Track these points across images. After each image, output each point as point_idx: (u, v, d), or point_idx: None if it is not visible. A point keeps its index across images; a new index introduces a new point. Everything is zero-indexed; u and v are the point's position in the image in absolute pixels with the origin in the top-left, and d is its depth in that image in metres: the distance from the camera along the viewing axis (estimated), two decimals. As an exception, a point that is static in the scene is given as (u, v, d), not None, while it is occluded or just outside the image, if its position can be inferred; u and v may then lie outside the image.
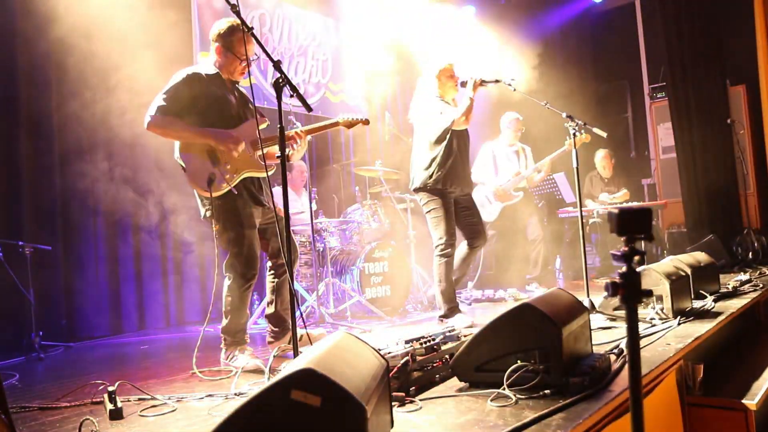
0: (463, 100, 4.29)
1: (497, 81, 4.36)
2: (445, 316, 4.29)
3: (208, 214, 3.28)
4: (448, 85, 4.42)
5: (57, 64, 4.91)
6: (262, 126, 3.29)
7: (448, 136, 4.29)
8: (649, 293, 1.42)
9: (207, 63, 3.45)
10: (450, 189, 4.33)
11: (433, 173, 4.28)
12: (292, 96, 2.51)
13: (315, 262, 4.98)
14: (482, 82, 4.30)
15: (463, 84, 4.36)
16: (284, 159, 2.52)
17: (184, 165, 3.23)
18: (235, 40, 3.32)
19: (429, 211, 4.39)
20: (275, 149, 3.33)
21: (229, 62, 3.37)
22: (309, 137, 3.57)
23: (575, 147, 5.37)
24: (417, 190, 4.42)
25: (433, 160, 4.30)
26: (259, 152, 3.32)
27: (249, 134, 3.33)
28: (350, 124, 3.60)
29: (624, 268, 1.41)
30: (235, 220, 3.25)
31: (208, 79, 3.33)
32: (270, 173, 3.36)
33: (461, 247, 4.56)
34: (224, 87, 3.38)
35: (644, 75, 8.82)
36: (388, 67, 8.01)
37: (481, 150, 6.22)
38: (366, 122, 3.67)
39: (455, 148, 4.33)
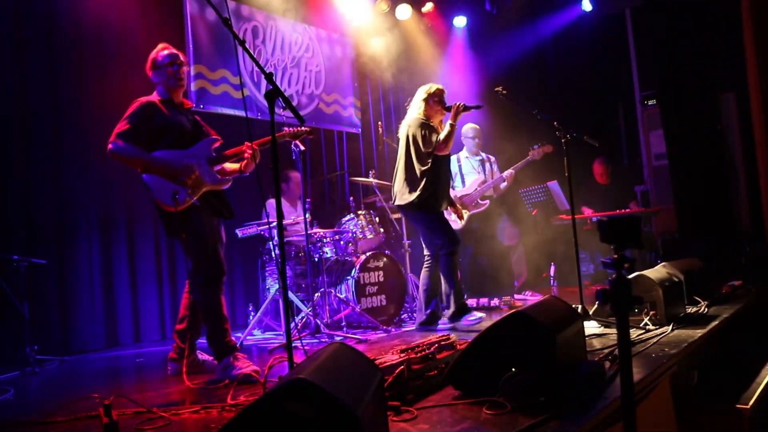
0: (445, 128, 4.52)
1: (479, 107, 4.59)
2: (457, 313, 4.40)
3: (174, 231, 3.47)
4: (435, 109, 4.64)
5: (51, 74, 4.92)
6: (216, 145, 3.58)
7: (431, 159, 4.51)
8: (639, 300, 1.43)
9: (158, 92, 3.65)
10: (434, 205, 4.58)
11: (418, 193, 4.50)
12: (284, 108, 2.53)
13: (310, 272, 4.98)
14: (465, 108, 4.52)
15: (449, 109, 4.58)
16: (277, 170, 2.53)
17: (148, 184, 3.42)
18: (160, 61, 3.60)
19: (420, 223, 4.64)
20: (232, 165, 3.66)
21: (166, 78, 3.59)
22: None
23: (538, 158, 5.66)
24: (402, 208, 4.64)
25: (417, 181, 4.52)
26: (217, 168, 3.57)
27: (204, 153, 3.55)
28: (295, 135, 3.75)
29: (614, 276, 1.43)
30: (199, 228, 3.44)
31: (161, 105, 3.55)
32: (226, 186, 3.60)
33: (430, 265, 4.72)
34: (176, 111, 3.61)
35: (635, 82, 8.88)
36: (381, 77, 8.06)
37: None
38: (310, 134, 3.84)
39: (438, 169, 4.55)
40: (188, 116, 3.67)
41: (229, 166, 3.67)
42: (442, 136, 4.49)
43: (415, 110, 4.67)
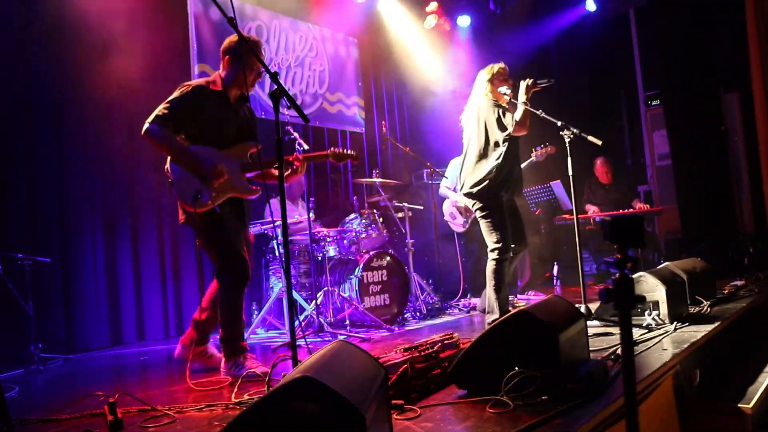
0: (518, 107, 4.19)
1: (550, 81, 4.26)
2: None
3: (188, 222, 3.37)
4: (502, 89, 4.33)
5: (55, 72, 4.93)
6: (253, 150, 3.41)
7: (506, 143, 4.20)
8: (642, 299, 1.44)
9: (215, 78, 3.46)
10: (503, 194, 4.28)
11: (489, 180, 4.20)
12: (289, 108, 2.54)
13: (313, 271, 4.99)
14: (534, 84, 4.22)
15: (515, 88, 4.27)
16: (282, 171, 2.55)
17: (172, 177, 3.29)
18: (246, 51, 3.32)
19: (483, 216, 4.29)
20: (270, 171, 3.49)
21: (240, 73, 3.35)
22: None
23: (541, 159, 5.57)
24: (470, 196, 4.34)
25: (489, 166, 4.21)
26: (249, 175, 3.41)
27: (239, 157, 3.40)
28: (339, 158, 3.63)
29: (617, 275, 1.43)
30: (220, 231, 3.32)
31: (212, 94, 3.36)
32: (251, 197, 3.47)
33: None
34: (228, 104, 3.41)
35: (639, 82, 8.87)
36: (385, 76, 8.06)
37: (450, 164, 6.25)
38: (355, 159, 3.72)
39: (509, 153, 4.24)
40: (240, 113, 3.48)
41: (274, 170, 3.50)
42: (517, 116, 4.14)
43: (482, 93, 4.33)
